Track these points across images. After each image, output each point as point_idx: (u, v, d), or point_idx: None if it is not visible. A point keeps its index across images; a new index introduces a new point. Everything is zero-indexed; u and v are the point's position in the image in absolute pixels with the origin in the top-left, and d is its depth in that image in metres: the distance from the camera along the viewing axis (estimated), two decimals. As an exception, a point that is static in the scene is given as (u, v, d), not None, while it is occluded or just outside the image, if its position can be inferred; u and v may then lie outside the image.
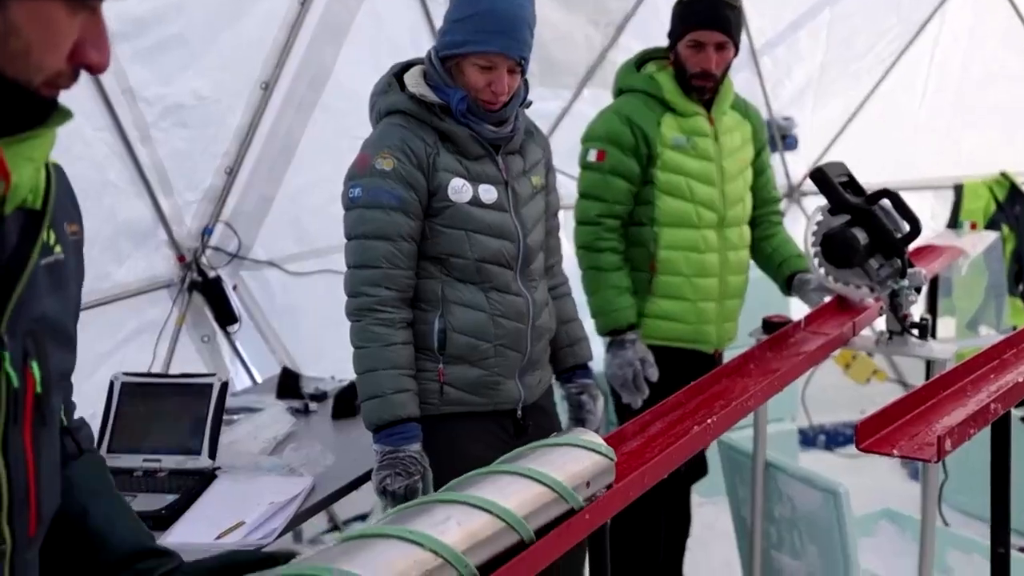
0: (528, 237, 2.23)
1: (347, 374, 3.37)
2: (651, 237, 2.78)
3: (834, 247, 2.38)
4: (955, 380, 1.88)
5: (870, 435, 1.57)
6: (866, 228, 2.40)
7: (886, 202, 2.43)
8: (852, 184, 2.49)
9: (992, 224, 4.97)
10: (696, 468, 3.04)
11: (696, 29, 2.69)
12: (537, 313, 2.27)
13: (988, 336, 4.87)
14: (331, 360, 3.61)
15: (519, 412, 2.28)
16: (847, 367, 4.37)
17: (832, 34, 4.91)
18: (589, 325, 2.70)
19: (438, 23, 3.93)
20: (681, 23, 2.74)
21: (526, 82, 2.22)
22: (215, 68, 3.31)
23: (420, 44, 3.69)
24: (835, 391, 4.77)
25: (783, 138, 5.01)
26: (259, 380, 3.63)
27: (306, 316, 3.82)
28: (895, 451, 1.51)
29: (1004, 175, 5.05)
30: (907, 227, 2.41)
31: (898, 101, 5.09)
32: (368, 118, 2.27)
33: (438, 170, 2.11)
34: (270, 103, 3.53)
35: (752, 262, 2.99)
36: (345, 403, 2.94)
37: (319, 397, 3.06)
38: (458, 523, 1.08)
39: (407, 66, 2.23)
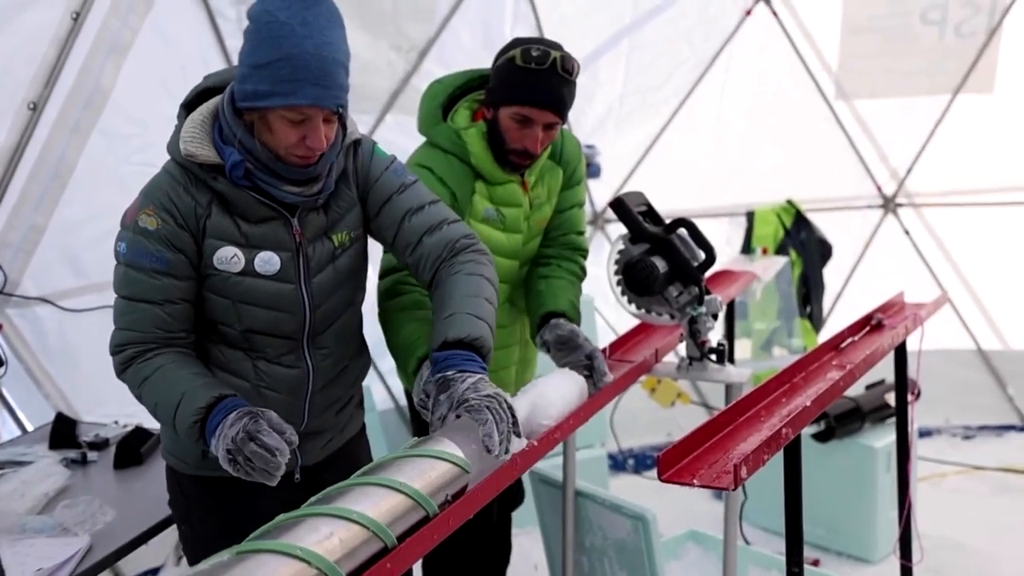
0: (320, 308, 1.96)
1: (132, 418, 3.18)
2: None
3: (635, 276, 2.45)
4: (750, 405, 1.97)
5: (671, 465, 1.61)
6: (665, 257, 2.49)
7: (683, 231, 2.52)
8: (651, 213, 2.57)
9: (781, 249, 5.29)
10: (513, 495, 3.03)
11: (526, 106, 2.33)
12: (319, 384, 2.02)
13: (782, 357, 5.19)
14: (114, 404, 3.38)
15: (297, 475, 2.07)
16: (652, 391, 4.51)
17: (631, 64, 5.11)
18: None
19: (230, 42, 3.86)
20: (509, 91, 2.35)
21: (343, 123, 1.92)
22: (-26, 85, 3.05)
23: (212, 65, 3.54)
24: (642, 415, 4.92)
25: (587, 166, 5.16)
26: (29, 428, 3.35)
27: (85, 356, 3.56)
28: (695, 481, 1.55)
29: (790, 202, 5.39)
30: (703, 255, 2.51)
31: (694, 130, 5.35)
32: (152, 141, 2.10)
33: (207, 235, 1.85)
34: (39, 125, 3.28)
35: None
36: (129, 450, 2.76)
37: (99, 445, 2.86)
38: (340, 540, 1.28)
39: (207, 92, 1.93)
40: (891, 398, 4.08)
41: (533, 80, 2.31)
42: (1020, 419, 5.63)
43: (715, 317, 2.56)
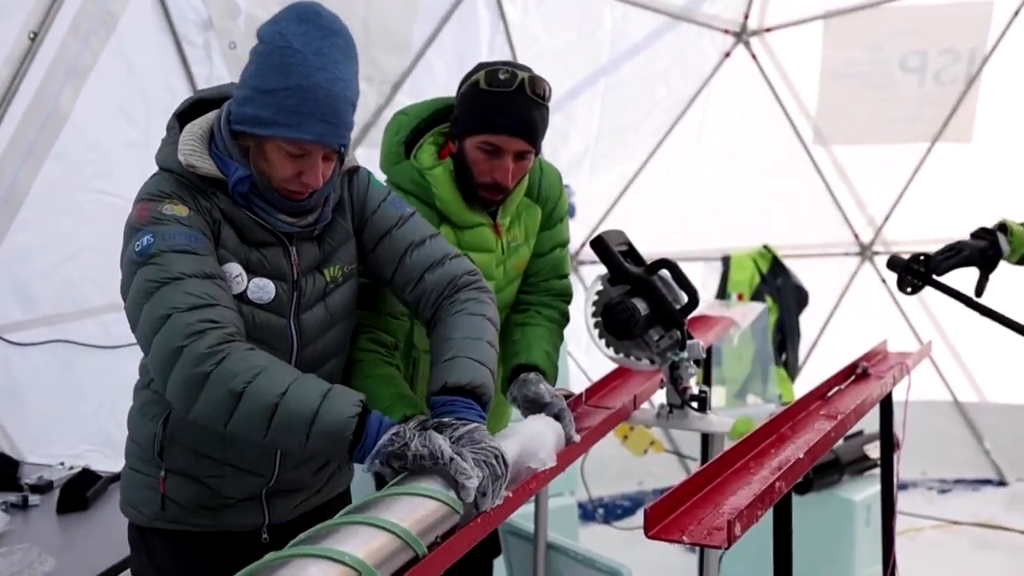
0: (308, 347, 1.83)
1: (80, 459, 3.04)
2: (411, 359, 2.34)
3: (615, 318, 2.37)
4: (738, 457, 1.89)
5: (658, 520, 1.52)
6: (646, 299, 2.42)
7: (665, 272, 2.46)
8: (632, 253, 2.50)
9: (757, 295, 5.26)
10: (493, 542, 2.90)
11: (493, 132, 2.14)
12: None
13: (756, 405, 5.13)
14: (61, 444, 3.26)
15: (265, 535, 1.92)
16: (624, 439, 4.43)
17: (607, 103, 5.10)
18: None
19: (196, 68, 3.77)
20: (473, 118, 2.17)
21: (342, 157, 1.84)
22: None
23: (177, 93, 3.46)
24: (613, 463, 4.84)
25: (562, 205, 5.11)
26: (-32, 469, 3.19)
27: (31, 393, 3.41)
28: (684, 538, 1.46)
29: (766, 247, 5.37)
30: (686, 298, 2.44)
31: (670, 172, 5.34)
32: (111, 168, 1.99)
33: (220, 244, 1.73)
34: (-9, 148, 3.18)
35: None
36: (74, 494, 2.63)
37: (42, 488, 2.73)
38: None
39: (201, 104, 1.84)
40: (871, 450, 4.03)
41: (500, 105, 2.13)
42: (996, 473, 5.61)
43: (697, 363, 2.49)
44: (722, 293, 5.28)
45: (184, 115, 1.81)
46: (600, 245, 2.45)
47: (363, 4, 4.21)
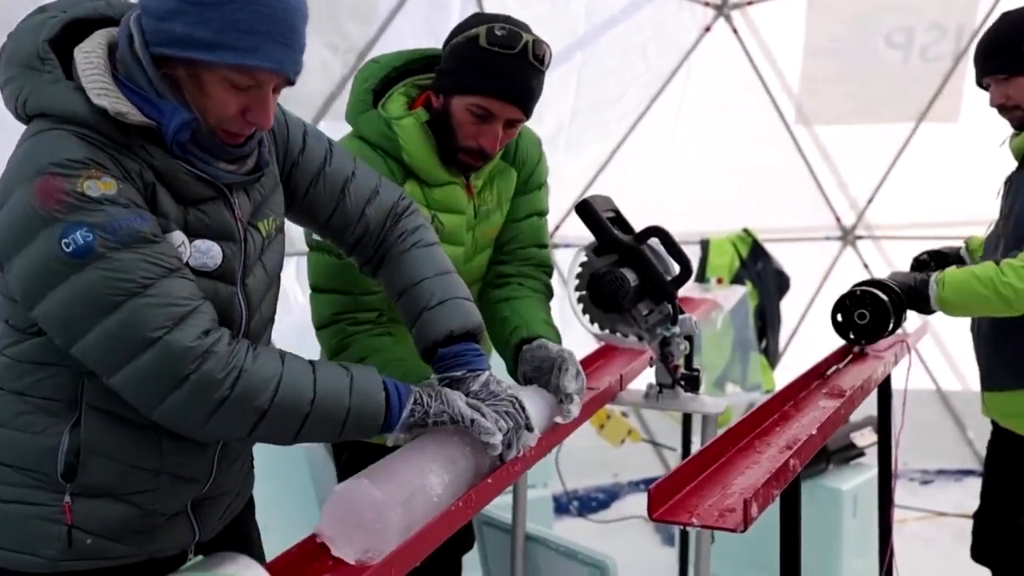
0: (253, 319, 1.58)
1: None
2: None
3: (602, 289, 2.22)
4: (741, 435, 1.75)
5: (662, 502, 1.37)
6: (635, 269, 2.27)
7: (655, 241, 2.31)
8: (620, 220, 2.36)
9: (737, 280, 5.16)
10: (463, 537, 2.73)
11: (488, 96, 1.99)
12: None
13: (735, 394, 5.02)
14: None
15: (191, 555, 1.65)
16: (601, 428, 4.30)
17: (583, 78, 4.95)
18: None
19: None
20: (469, 77, 2.02)
21: None
22: None
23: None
24: (588, 453, 4.70)
25: (534, 185, 4.96)
26: None
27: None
28: (694, 520, 1.31)
29: (747, 231, 5.27)
30: (677, 269, 2.30)
31: (647, 152, 5.21)
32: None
33: (157, 211, 1.42)
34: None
35: None
36: None
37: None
38: None
39: (72, 24, 1.46)
40: (857, 438, 3.93)
41: (500, 67, 1.97)
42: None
43: (689, 340, 2.35)
44: (701, 277, 5.16)
45: (57, 43, 1.44)
46: (586, 210, 2.29)
47: (329, -31, 4.03)
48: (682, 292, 3.82)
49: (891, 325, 2.42)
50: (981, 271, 2.41)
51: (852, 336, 2.50)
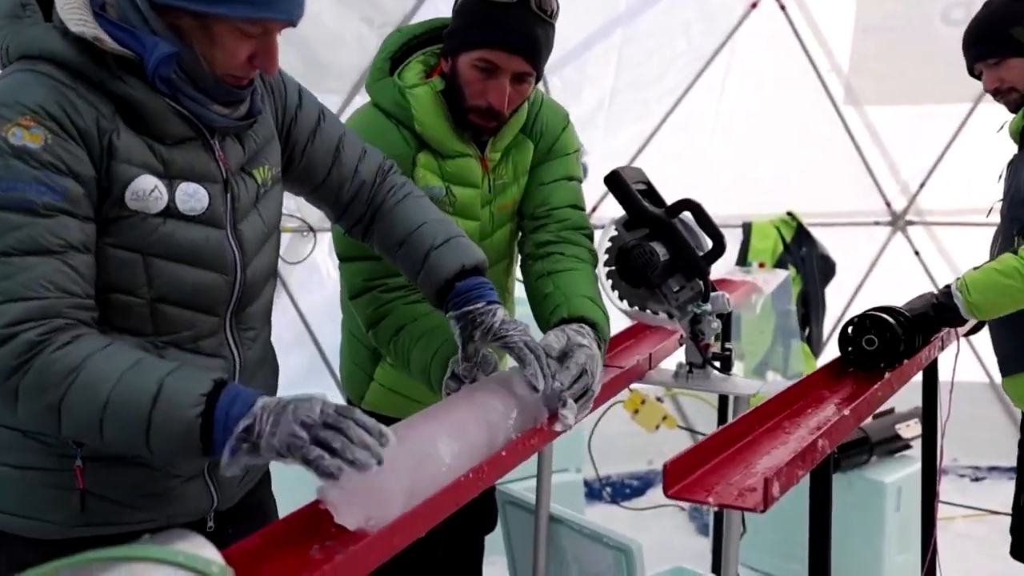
0: (249, 267, 1.56)
1: None
2: None
3: (631, 263, 2.15)
4: (770, 415, 1.68)
5: (680, 479, 1.31)
6: (666, 243, 2.20)
7: (688, 215, 2.24)
8: (651, 193, 2.29)
9: (780, 265, 5.05)
10: (485, 515, 2.68)
11: (491, 48, 1.96)
12: (245, 381, 1.59)
13: (776, 382, 4.91)
14: None
15: (210, 523, 1.61)
16: (635, 412, 4.23)
17: (623, 57, 4.87)
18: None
19: None
20: (470, 31, 1.99)
21: None
22: None
23: None
24: (622, 439, 4.63)
25: (572, 162, 4.91)
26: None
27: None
28: (710, 499, 1.25)
29: (791, 215, 5.16)
30: (710, 244, 2.23)
31: (689, 132, 5.12)
32: None
33: (116, 159, 1.39)
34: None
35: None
36: None
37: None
38: None
39: None
40: (903, 429, 3.82)
41: (500, 18, 1.94)
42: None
43: (722, 318, 2.28)
44: (743, 261, 5.07)
45: None
46: (616, 181, 2.23)
47: (364, -62, 4.00)
48: (722, 274, 3.78)
49: (903, 346, 2.23)
50: (1001, 265, 2.34)
51: (868, 364, 2.23)
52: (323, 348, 4.30)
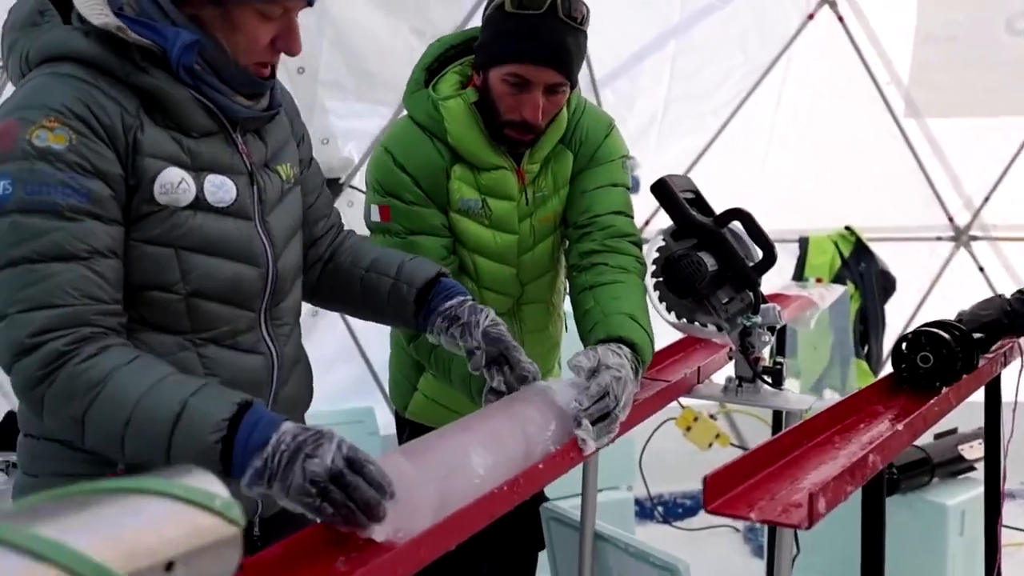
0: (279, 260, 1.56)
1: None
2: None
3: (677, 272, 2.10)
4: (819, 429, 1.62)
5: (721, 493, 1.25)
6: (715, 253, 2.14)
7: (737, 225, 2.18)
8: (699, 202, 2.24)
9: (838, 281, 4.96)
10: (533, 534, 2.64)
11: (520, 62, 1.93)
12: (284, 378, 1.59)
13: (833, 401, 4.81)
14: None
15: (256, 529, 1.58)
16: (688, 430, 4.17)
17: (677, 68, 4.81)
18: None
19: None
20: (498, 45, 1.96)
21: None
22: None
23: None
24: (674, 457, 4.55)
25: (624, 177, 4.86)
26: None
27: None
28: (753, 515, 1.20)
29: (849, 229, 5.06)
30: (760, 254, 2.17)
31: (744, 145, 5.04)
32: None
33: (142, 154, 1.38)
34: None
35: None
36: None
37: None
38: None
39: None
40: (966, 451, 3.69)
41: (527, 29, 1.90)
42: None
43: (772, 331, 2.21)
44: (799, 277, 4.98)
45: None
46: (663, 189, 2.19)
47: (415, -48, 4.00)
48: (777, 289, 3.70)
49: (960, 364, 2.11)
50: None
51: (922, 382, 2.19)
52: (372, 363, 4.30)
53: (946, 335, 2.07)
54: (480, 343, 1.62)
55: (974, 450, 3.70)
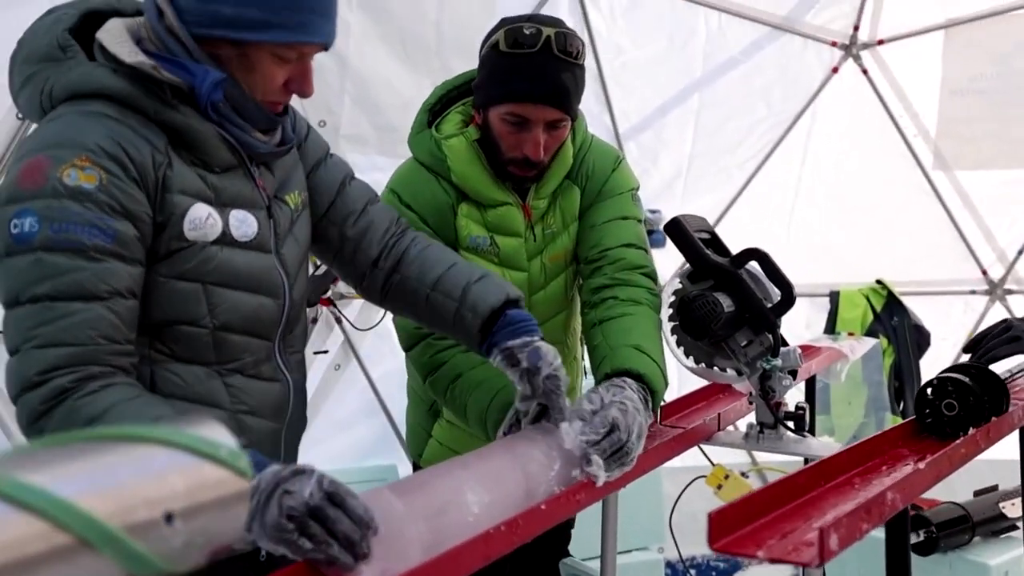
0: (293, 289, 1.61)
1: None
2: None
3: (692, 313, 2.04)
4: (839, 470, 1.53)
5: (728, 531, 1.18)
6: (732, 294, 2.08)
7: (755, 265, 2.12)
8: (715, 242, 2.19)
9: (870, 335, 4.84)
10: (560, 545, 2.55)
11: (517, 101, 1.92)
12: (298, 402, 1.67)
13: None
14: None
15: (263, 552, 1.64)
16: (718, 488, 4.02)
17: (701, 122, 4.79)
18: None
19: None
20: (495, 85, 1.94)
21: None
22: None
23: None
24: (705, 517, 4.42)
25: (649, 233, 4.80)
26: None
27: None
28: (760, 553, 1.12)
29: (881, 283, 4.96)
30: (779, 295, 2.10)
31: (771, 199, 4.99)
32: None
33: (171, 191, 1.41)
34: None
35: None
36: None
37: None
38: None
39: (89, 15, 1.49)
40: (1008, 508, 3.54)
41: (522, 69, 1.89)
42: None
43: (794, 375, 2.14)
44: (830, 331, 4.87)
45: (75, 34, 1.48)
46: (677, 229, 2.14)
47: (436, 7, 4.03)
48: (808, 341, 3.60)
49: (988, 406, 1.99)
50: None
51: (947, 431, 2.02)
52: (394, 418, 4.24)
53: (964, 378, 1.94)
54: (531, 392, 1.62)
55: (1016, 508, 3.55)
